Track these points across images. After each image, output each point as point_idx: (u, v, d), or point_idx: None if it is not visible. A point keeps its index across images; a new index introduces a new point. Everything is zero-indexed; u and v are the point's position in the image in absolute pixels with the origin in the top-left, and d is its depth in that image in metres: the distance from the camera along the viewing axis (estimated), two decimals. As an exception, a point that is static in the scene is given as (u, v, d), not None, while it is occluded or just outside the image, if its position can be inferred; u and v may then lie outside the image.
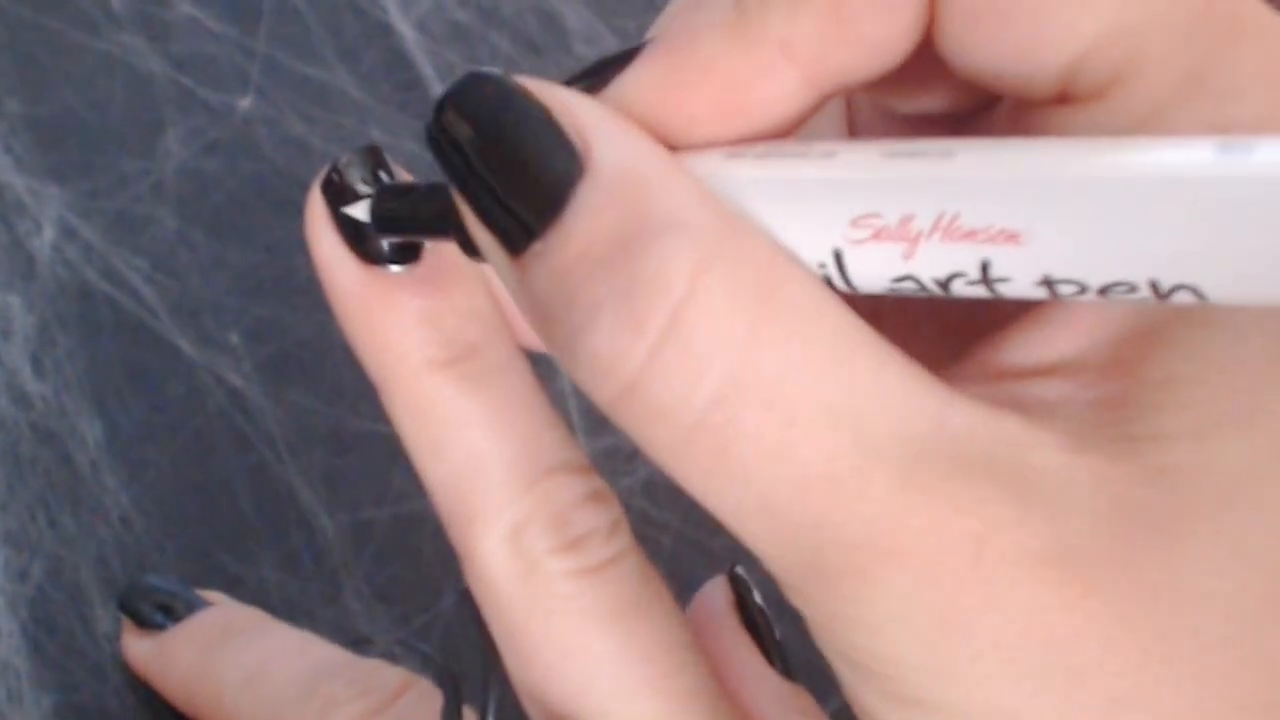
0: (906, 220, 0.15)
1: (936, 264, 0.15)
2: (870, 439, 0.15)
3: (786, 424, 0.15)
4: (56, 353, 0.37)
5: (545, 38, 0.44)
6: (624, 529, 0.21)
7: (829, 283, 0.16)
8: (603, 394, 0.16)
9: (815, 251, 0.16)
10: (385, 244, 0.21)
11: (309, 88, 0.43)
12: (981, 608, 0.15)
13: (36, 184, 0.40)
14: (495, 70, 0.17)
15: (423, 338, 0.21)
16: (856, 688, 0.17)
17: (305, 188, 0.21)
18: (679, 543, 0.36)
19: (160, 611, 0.33)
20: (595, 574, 0.21)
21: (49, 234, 0.39)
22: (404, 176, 0.22)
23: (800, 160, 0.16)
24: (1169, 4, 0.16)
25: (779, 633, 0.27)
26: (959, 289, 0.16)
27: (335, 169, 0.21)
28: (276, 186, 0.41)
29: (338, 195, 0.21)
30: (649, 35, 0.19)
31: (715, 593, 0.28)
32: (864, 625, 0.16)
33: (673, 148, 0.17)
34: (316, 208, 0.21)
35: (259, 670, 0.30)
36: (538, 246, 0.16)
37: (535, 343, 0.22)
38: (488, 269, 0.21)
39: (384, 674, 0.29)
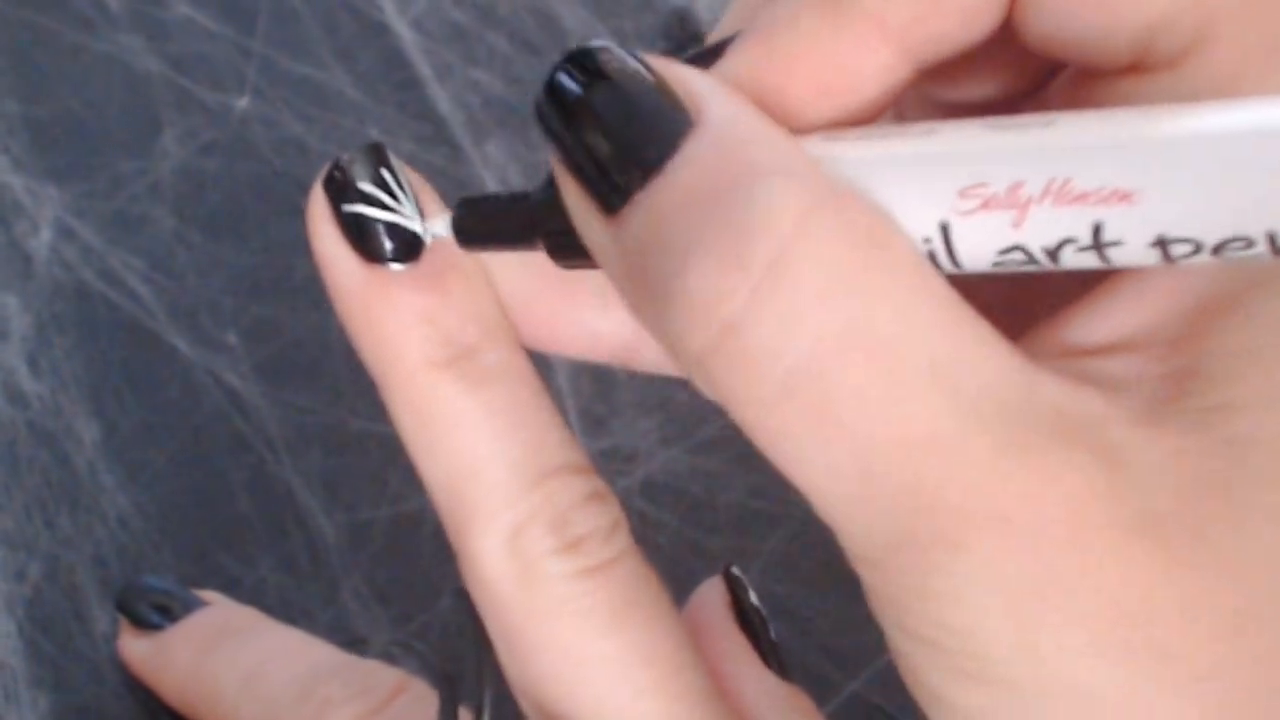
0: (1015, 187, 0.15)
1: (1047, 231, 0.15)
2: (970, 402, 0.15)
3: (891, 377, 0.15)
4: (54, 353, 0.37)
5: (542, 38, 0.44)
6: (623, 530, 0.21)
7: (933, 260, 0.16)
8: (697, 340, 0.16)
9: (922, 226, 0.16)
10: (387, 242, 0.21)
11: (306, 87, 0.43)
12: (1077, 576, 0.15)
13: (34, 184, 0.40)
14: (609, 43, 0.17)
15: (423, 336, 0.21)
16: (921, 665, 0.17)
17: (303, 188, 0.21)
18: (677, 543, 0.36)
19: (157, 612, 0.33)
20: (594, 575, 0.21)
21: (46, 234, 0.39)
22: (408, 174, 0.22)
23: (901, 138, 0.16)
24: None
25: (774, 633, 0.27)
26: (1069, 258, 0.15)
27: (337, 167, 0.21)
28: (274, 186, 0.41)
29: (340, 192, 0.21)
30: (723, 26, 0.19)
31: (711, 593, 0.28)
32: (951, 596, 0.16)
33: None
34: (318, 206, 0.21)
35: (256, 671, 0.30)
36: (639, 195, 0.16)
37: (536, 340, 0.22)
38: (502, 264, 0.22)
39: (380, 675, 0.29)
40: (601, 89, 0.17)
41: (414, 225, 0.21)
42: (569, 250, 0.18)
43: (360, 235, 0.21)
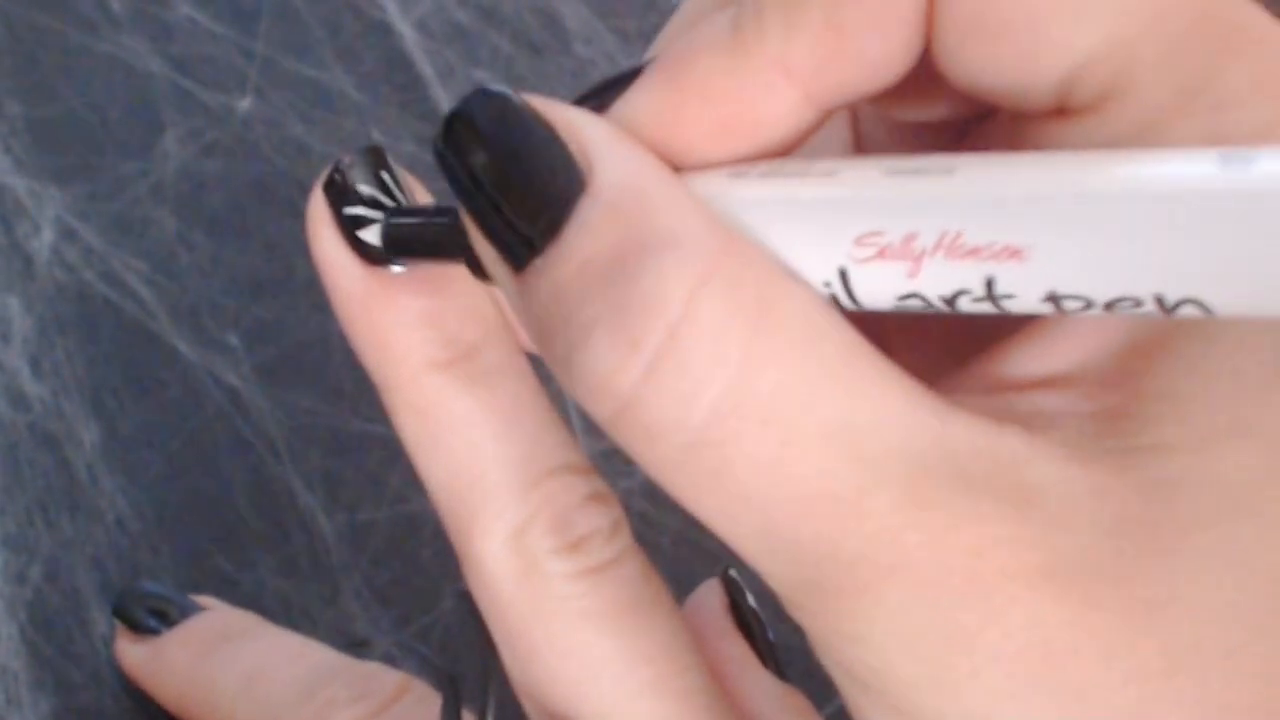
0: (910, 238, 0.15)
1: (941, 282, 0.15)
2: (869, 456, 0.15)
3: (784, 442, 0.15)
4: (55, 355, 0.37)
5: (544, 38, 0.44)
6: (624, 530, 0.21)
7: (835, 301, 0.16)
8: (599, 412, 0.16)
9: (821, 270, 0.16)
10: (383, 239, 0.21)
11: (308, 88, 0.43)
12: (981, 623, 0.15)
13: (36, 185, 0.40)
14: (502, 87, 0.17)
15: (424, 338, 0.21)
16: (857, 700, 0.17)
17: (304, 189, 0.21)
18: (678, 544, 0.36)
19: (154, 617, 0.32)
20: (596, 575, 0.21)
21: (48, 235, 0.39)
22: (406, 177, 0.22)
23: (803, 179, 0.16)
24: (1163, 16, 0.16)
25: (772, 634, 0.27)
26: (965, 306, 0.16)
27: (337, 169, 0.21)
28: (276, 187, 0.41)
29: (339, 195, 0.21)
30: (648, 56, 0.19)
31: (709, 595, 0.28)
32: (863, 641, 0.16)
33: (676, 169, 0.17)
34: (318, 208, 0.21)
35: (255, 675, 0.30)
36: (538, 262, 0.16)
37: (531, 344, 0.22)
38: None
39: (382, 677, 0.29)
40: (495, 144, 0.17)
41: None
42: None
43: (359, 237, 0.21)
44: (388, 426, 0.22)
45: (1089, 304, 0.15)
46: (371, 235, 0.21)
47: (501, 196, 0.17)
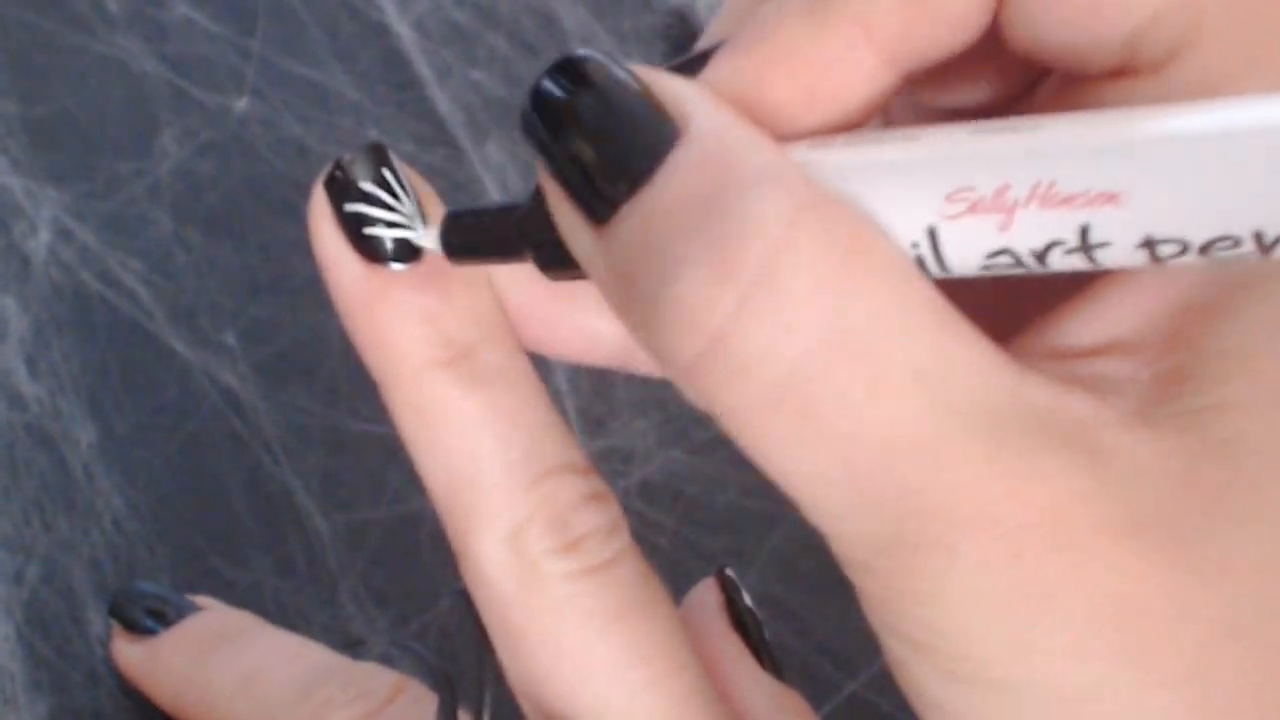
0: (1002, 191, 0.15)
1: (1034, 234, 0.15)
2: (955, 404, 0.15)
3: (875, 380, 0.15)
4: (51, 355, 0.37)
5: (542, 38, 0.44)
6: (623, 530, 0.21)
7: (921, 266, 0.16)
8: (687, 350, 0.16)
9: (909, 230, 0.16)
10: (388, 242, 0.21)
11: (305, 88, 0.42)
12: (1061, 578, 0.15)
13: (32, 185, 0.40)
14: (595, 51, 0.17)
15: (424, 336, 0.21)
16: (915, 669, 0.17)
17: (302, 189, 0.21)
18: (676, 543, 0.36)
19: (151, 617, 0.32)
20: (594, 575, 0.21)
21: (44, 235, 0.39)
22: (410, 174, 0.22)
23: (887, 144, 0.16)
24: None
25: (769, 634, 0.27)
26: (1056, 260, 0.16)
27: (339, 166, 0.21)
28: (273, 187, 0.41)
29: (341, 192, 0.21)
30: (706, 40, 0.19)
31: (704, 594, 0.28)
32: (937, 599, 0.16)
33: None
34: (319, 206, 0.21)
35: (252, 675, 0.30)
36: (626, 208, 0.16)
37: (537, 343, 0.22)
38: (505, 277, 0.21)
39: (379, 677, 0.29)
40: (588, 98, 0.17)
41: (415, 225, 0.21)
42: (557, 262, 0.19)
43: (360, 236, 0.21)
44: (385, 426, 0.22)
45: (1185, 248, 0.15)
46: (430, 240, 0.21)
47: (591, 153, 0.16)
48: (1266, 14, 0.16)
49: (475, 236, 0.20)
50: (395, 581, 0.35)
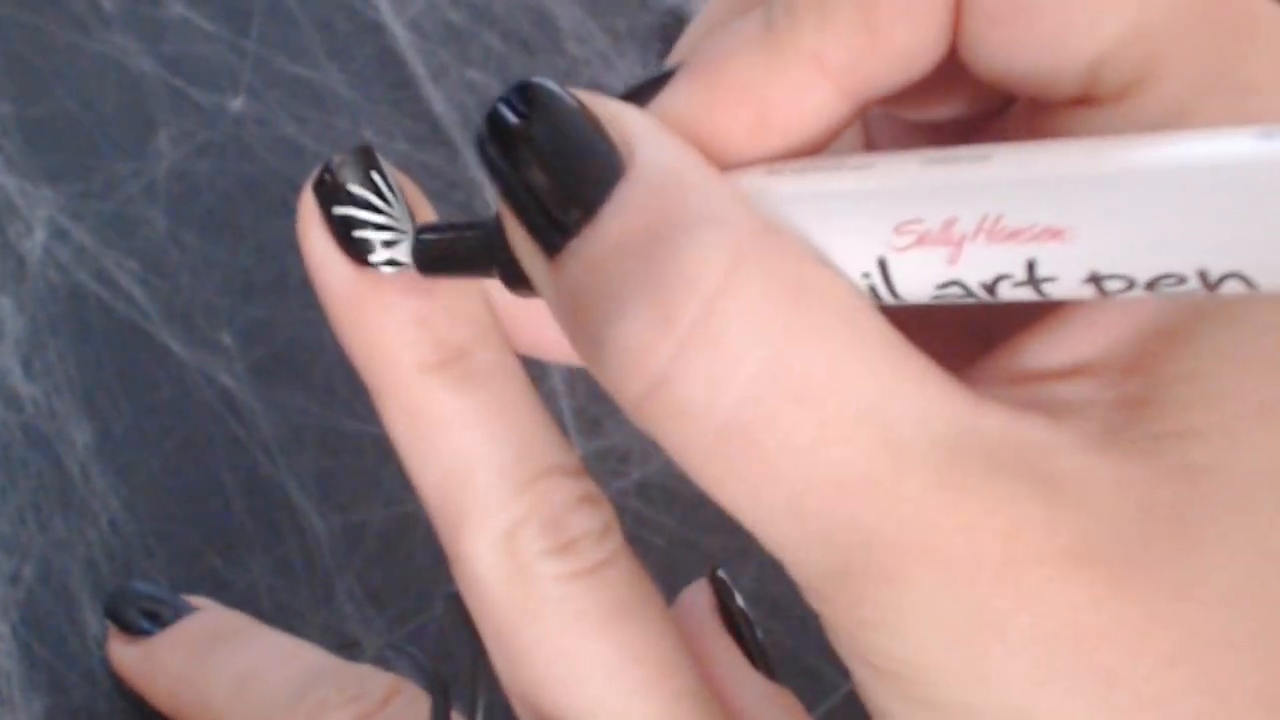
0: (949, 224, 0.15)
1: (982, 267, 0.15)
2: (904, 440, 0.15)
3: (821, 423, 0.15)
4: (47, 355, 0.37)
5: (537, 37, 0.44)
6: (615, 531, 0.21)
7: (874, 295, 0.16)
8: (630, 390, 0.16)
9: (859, 261, 0.16)
10: (377, 245, 0.21)
11: (301, 88, 0.42)
12: (1013, 607, 0.15)
13: (28, 185, 0.40)
14: (546, 80, 0.17)
15: (414, 339, 0.21)
16: (877, 693, 0.17)
17: (297, 188, 0.21)
18: (673, 543, 0.36)
19: (146, 618, 0.32)
20: (587, 577, 0.21)
21: (40, 235, 0.39)
22: (398, 177, 0.21)
23: (838, 173, 0.16)
24: (1187, 3, 0.16)
25: (761, 634, 0.27)
26: (1005, 292, 0.16)
27: (327, 169, 0.21)
28: (268, 187, 0.41)
29: (329, 195, 0.21)
30: (672, 59, 0.19)
31: (697, 595, 0.28)
32: (891, 628, 0.16)
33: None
34: (308, 208, 0.21)
35: (247, 676, 0.30)
36: (573, 244, 0.16)
37: (528, 346, 0.22)
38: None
39: (373, 679, 0.29)
40: (540, 125, 0.17)
41: (404, 228, 0.21)
42: (523, 281, 0.19)
43: (350, 239, 0.21)
44: (381, 426, 0.22)
45: (1131, 284, 0.15)
46: (402, 254, 0.21)
47: (542, 181, 0.17)
48: (1226, 45, 0.16)
49: (446, 251, 0.20)
50: (392, 581, 0.35)
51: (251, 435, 0.37)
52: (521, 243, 0.17)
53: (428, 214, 0.22)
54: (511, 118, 0.17)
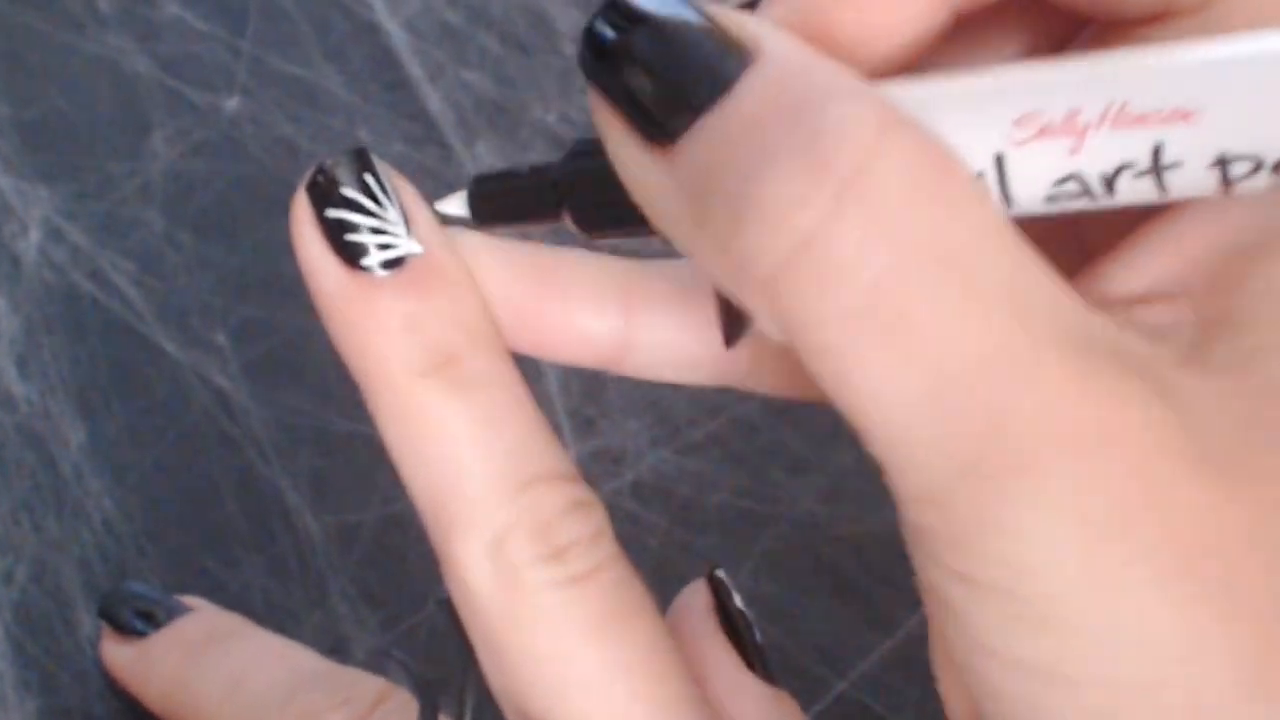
0: (1073, 114, 0.15)
1: (1105, 156, 0.15)
2: (1042, 324, 0.15)
3: (968, 295, 0.15)
4: (42, 355, 0.37)
5: (534, 38, 0.44)
6: (607, 537, 0.21)
7: None
8: (773, 252, 0.15)
9: (976, 159, 0.16)
10: (371, 247, 0.21)
11: (296, 88, 0.42)
12: (1142, 506, 0.15)
13: (23, 185, 0.40)
14: None
15: (406, 343, 0.21)
16: (978, 618, 0.16)
17: (292, 188, 0.21)
18: (667, 544, 0.36)
19: (140, 618, 0.32)
20: (577, 584, 0.21)
21: (35, 236, 0.39)
22: (393, 177, 0.21)
23: (952, 78, 0.16)
24: None
25: (759, 636, 0.27)
26: (1124, 186, 0.15)
27: (321, 171, 0.21)
28: (264, 187, 0.41)
29: (322, 198, 0.21)
30: None
31: (694, 597, 0.28)
32: (1014, 529, 0.15)
33: None
34: (302, 210, 0.21)
35: (239, 678, 0.30)
36: (703, 120, 0.16)
37: (527, 343, 0.22)
38: (492, 266, 0.21)
39: (364, 683, 0.29)
40: (657, 27, 0.16)
41: (397, 230, 0.21)
42: (595, 220, 0.18)
43: (343, 241, 0.21)
44: (375, 428, 0.21)
45: (1259, 165, 0.15)
46: (456, 206, 0.20)
47: (665, 72, 0.16)
48: None
49: (505, 199, 0.20)
50: (386, 582, 0.35)
51: (245, 435, 0.37)
52: (625, 143, 0.17)
53: (424, 214, 0.21)
54: (626, 11, 0.16)
